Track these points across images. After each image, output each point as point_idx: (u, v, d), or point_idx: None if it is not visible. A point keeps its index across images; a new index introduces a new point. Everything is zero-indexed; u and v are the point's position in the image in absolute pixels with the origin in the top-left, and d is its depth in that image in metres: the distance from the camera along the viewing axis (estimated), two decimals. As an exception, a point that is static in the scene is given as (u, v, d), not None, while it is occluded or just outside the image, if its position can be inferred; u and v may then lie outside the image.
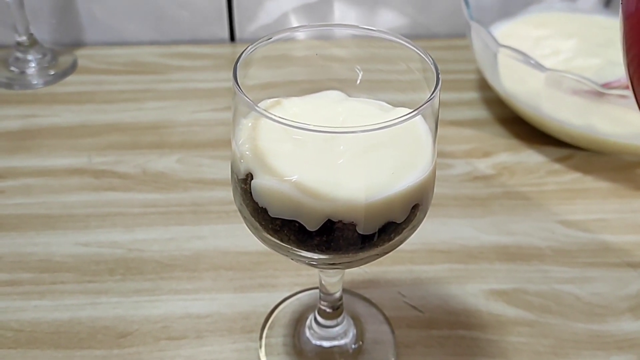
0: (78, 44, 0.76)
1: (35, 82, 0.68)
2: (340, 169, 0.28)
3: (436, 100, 0.29)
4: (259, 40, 0.32)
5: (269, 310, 0.44)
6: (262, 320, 0.43)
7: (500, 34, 0.66)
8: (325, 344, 0.41)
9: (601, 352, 0.42)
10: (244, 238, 0.49)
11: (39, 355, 0.41)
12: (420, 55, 0.31)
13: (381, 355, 0.41)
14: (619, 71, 0.61)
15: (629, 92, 0.51)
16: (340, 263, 0.31)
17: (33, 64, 0.69)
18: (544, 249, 0.50)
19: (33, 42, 0.70)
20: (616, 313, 0.45)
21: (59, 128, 0.62)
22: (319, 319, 0.41)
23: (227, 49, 0.76)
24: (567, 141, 0.60)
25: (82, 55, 0.73)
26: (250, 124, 0.30)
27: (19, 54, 0.70)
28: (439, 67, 0.30)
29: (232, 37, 0.78)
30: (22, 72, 0.69)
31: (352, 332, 0.42)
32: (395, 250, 0.32)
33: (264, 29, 0.77)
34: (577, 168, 0.58)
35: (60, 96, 0.66)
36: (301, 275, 0.46)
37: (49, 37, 0.75)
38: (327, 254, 0.30)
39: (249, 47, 0.31)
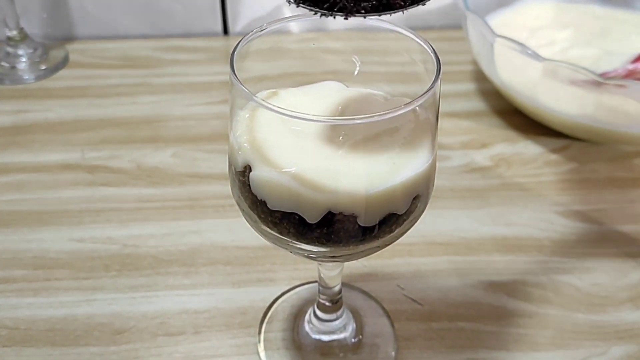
0: (69, 38, 0.75)
1: (26, 77, 0.67)
2: (340, 159, 0.28)
3: (437, 90, 0.28)
4: (254, 31, 0.31)
5: (267, 304, 0.44)
6: (261, 315, 0.43)
7: (496, 24, 0.66)
8: (325, 338, 0.41)
9: (601, 343, 0.42)
10: (240, 232, 0.49)
11: (35, 353, 0.40)
12: (420, 45, 0.30)
13: (381, 349, 0.41)
14: (615, 61, 0.61)
15: (627, 82, 0.51)
16: (340, 256, 0.31)
17: (24, 59, 0.68)
18: (543, 240, 0.50)
19: (24, 37, 0.69)
20: (616, 303, 0.45)
21: (51, 123, 0.61)
22: (319, 312, 0.41)
23: (221, 42, 0.75)
24: (564, 131, 0.60)
25: (74, 50, 0.72)
26: (247, 116, 0.30)
27: (9, 49, 0.69)
28: (436, 58, 0.29)
29: (226, 31, 0.77)
30: (13, 67, 0.68)
31: (351, 326, 0.42)
32: (394, 242, 0.32)
33: (257, 21, 0.76)
34: (574, 158, 0.58)
35: (52, 91, 0.65)
36: (299, 269, 0.46)
37: (39, 31, 0.74)
38: (327, 246, 0.29)
39: (245, 38, 0.30)
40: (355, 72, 0.34)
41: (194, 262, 0.47)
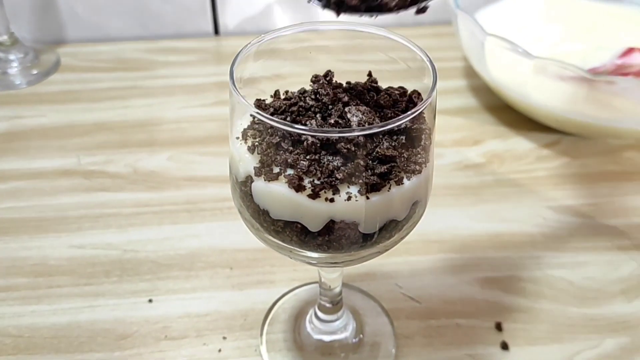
0: (60, 42, 0.75)
1: (18, 82, 0.67)
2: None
3: (434, 96, 0.29)
4: (253, 41, 0.31)
5: (268, 306, 0.44)
6: (262, 317, 0.44)
7: (485, 20, 0.66)
8: (326, 338, 0.42)
9: (595, 336, 0.43)
10: (239, 235, 0.49)
11: (39, 360, 0.41)
12: (411, 49, 0.31)
13: (382, 348, 0.42)
14: (603, 56, 0.62)
15: (616, 78, 0.52)
16: (341, 262, 0.31)
17: (15, 64, 0.68)
18: (536, 235, 0.50)
19: (14, 41, 0.69)
20: (609, 296, 0.46)
21: (45, 129, 0.61)
22: (319, 314, 0.41)
23: (212, 43, 0.75)
24: (555, 127, 0.61)
25: (65, 53, 0.72)
26: (247, 125, 0.30)
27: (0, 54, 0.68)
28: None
29: (216, 30, 0.77)
30: (4, 73, 0.68)
31: (351, 326, 0.43)
32: (394, 247, 0.33)
33: (248, 21, 0.76)
34: (565, 153, 0.59)
35: (45, 96, 0.65)
36: (298, 271, 0.47)
37: (30, 35, 0.74)
38: (328, 253, 0.30)
39: (243, 50, 0.31)
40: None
41: (194, 265, 0.47)
